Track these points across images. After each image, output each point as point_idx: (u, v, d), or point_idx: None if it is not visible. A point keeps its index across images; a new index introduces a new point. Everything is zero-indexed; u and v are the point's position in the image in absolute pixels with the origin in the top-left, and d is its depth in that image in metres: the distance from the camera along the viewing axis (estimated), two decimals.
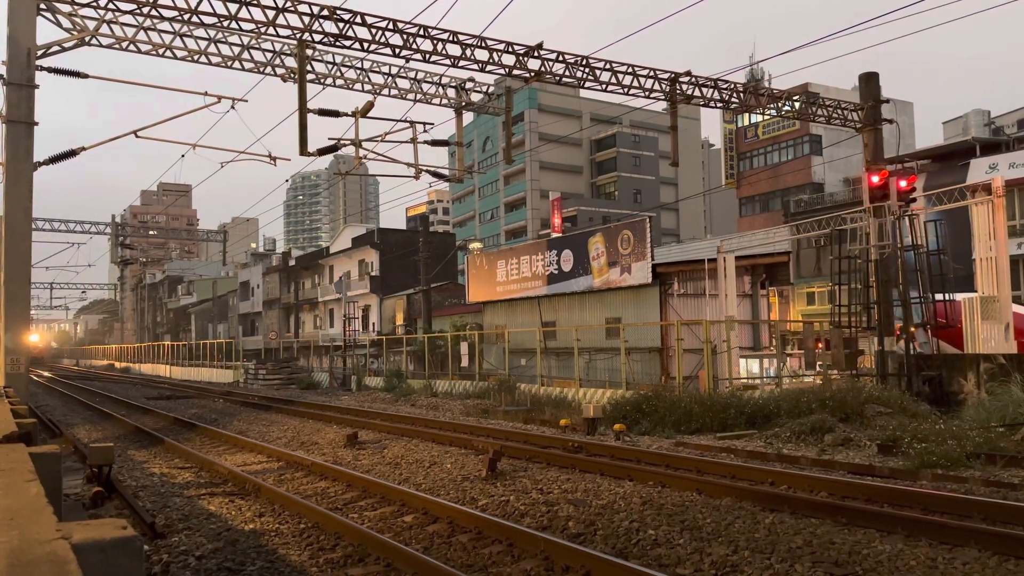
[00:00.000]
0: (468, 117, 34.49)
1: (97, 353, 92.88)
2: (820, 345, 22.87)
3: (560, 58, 18.32)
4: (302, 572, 6.63)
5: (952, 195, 19.47)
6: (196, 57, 17.19)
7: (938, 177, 32.16)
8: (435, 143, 20.57)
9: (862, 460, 11.47)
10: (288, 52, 17.82)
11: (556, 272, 29.78)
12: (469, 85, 20.69)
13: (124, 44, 16.47)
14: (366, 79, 19.28)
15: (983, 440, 11.46)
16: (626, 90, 19.14)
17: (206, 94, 18.97)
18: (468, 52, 17.46)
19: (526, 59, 17.98)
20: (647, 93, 19.34)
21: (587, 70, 18.63)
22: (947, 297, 18.33)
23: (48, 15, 15.70)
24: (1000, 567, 6.25)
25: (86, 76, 17.57)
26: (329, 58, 18.54)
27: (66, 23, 15.90)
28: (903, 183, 19.23)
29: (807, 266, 41.10)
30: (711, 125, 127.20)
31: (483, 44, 17.52)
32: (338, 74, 18.83)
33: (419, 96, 20.06)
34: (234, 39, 17.34)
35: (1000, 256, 17.66)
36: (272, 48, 17.78)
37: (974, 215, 18.41)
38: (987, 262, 17.85)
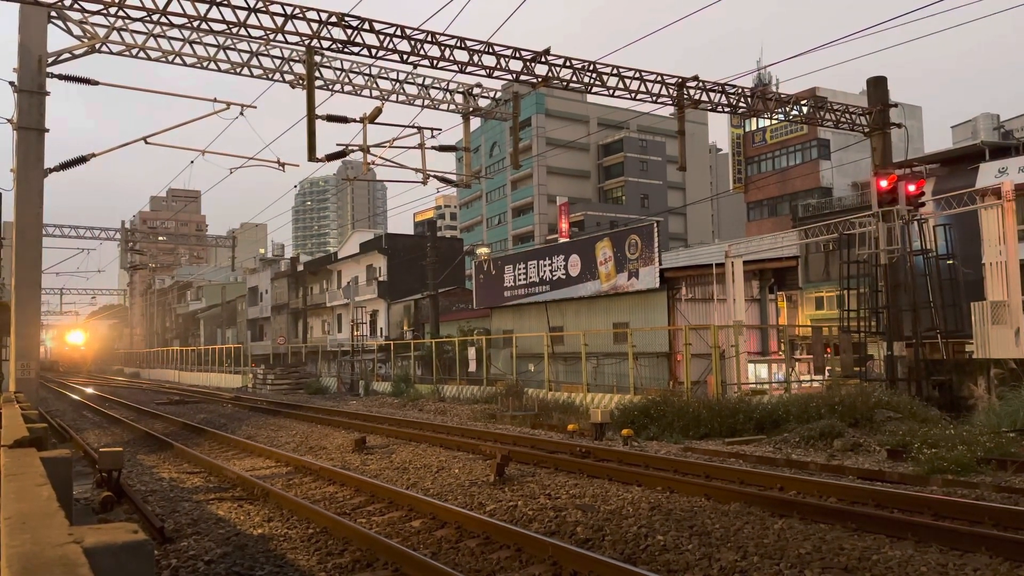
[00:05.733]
0: (475, 122, 34.54)
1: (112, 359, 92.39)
2: (829, 350, 22.78)
3: (567, 63, 18.35)
4: None
5: (961, 199, 19.38)
6: (205, 64, 17.30)
7: (947, 181, 32.01)
8: (443, 148, 20.63)
9: (872, 465, 11.42)
10: (297, 59, 17.91)
11: (563, 277, 29.76)
12: (476, 91, 20.75)
13: (134, 51, 16.59)
14: (374, 85, 19.35)
15: (994, 445, 11.40)
16: (633, 95, 19.14)
17: (215, 100, 19.11)
18: (476, 58, 17.50)
19: (533, 64, 18.01)
20: (654, 98, 19.33)
21: (594, 75, 18.64)
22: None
23: (59, 23, 15.84)
24: (1012, 573, 6.21)
25: (96, 83, 17.70)
26: (337, 64, 18.63)
27: (76, 30, 16.03)
28: (912, 187, 19.17)
29: (816, 270, 40.96)
30: (719, 129, 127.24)
31: (491, 50, 17.56)
32: (346, 80, 18.91)
33: (427, 102, 20.12)
34: (243, 46, 17.45)
35: (1010, 260, 17.56)
36: (281, 55, 17.88)
37: (984, 219, 18.32)
38: (997, 267, 17.75)
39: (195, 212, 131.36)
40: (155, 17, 15.54)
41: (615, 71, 18.75)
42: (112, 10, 15.48)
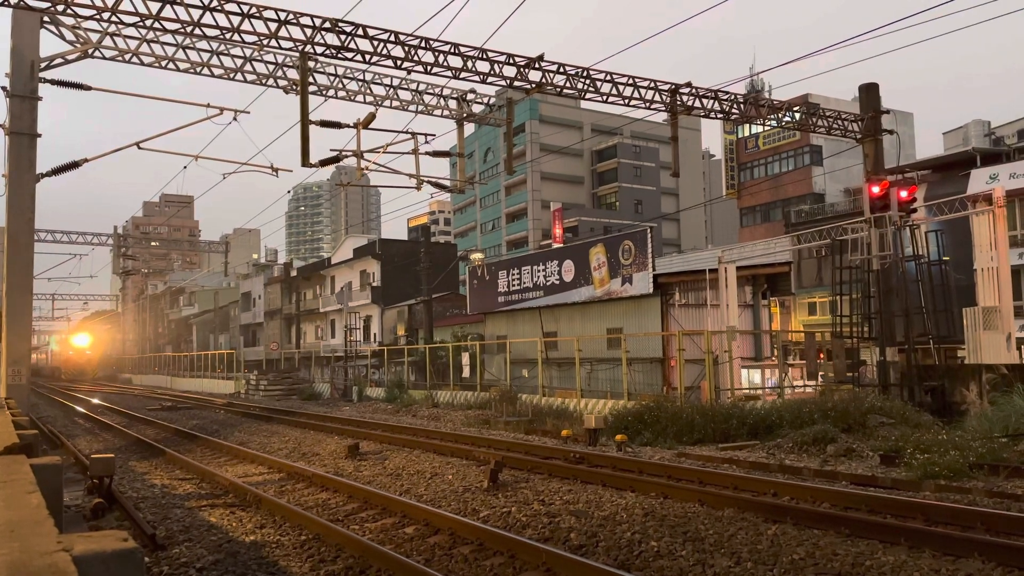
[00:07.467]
0: (469, 128, 34.56)
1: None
2: (822, 355, 22.83)
3: (561, 69, 18.39)
4: None
5: (953, 205, 19.49)
6: (199, 69, 17.28)
7: (939, 187, 32.18)
8: (436, 154, 20.63)
9: (865, 471, 11.44)
10: (290, 64, 17.90)
11: (557, 282, 29.77)
12: (470, 96, 20.77)
13: (127, 56, 16.56)
14: (368, 91, 19.36)
15: (986, 451, 11.42)
16: (627, 101, 19.20)
17: (208, 106, 19.06)
18: (469, 64, 17.53)
19: (527, 71, 18.05)
20: (648, 104, 19.39)
21: (588, 81, 18.69)
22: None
23: (52, 28, 15.80)
24: None
25: (89, 88, 17.66)
26: (331, 70, 18.63)
27: (69, 36, 15.99)
28: (904, 193, 19.25)
29: (808, 276, 41.08)
30: (712, 136, 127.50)
31: (484, 56, 17.59)
32: (340, 86, 18.91)
33: (420, 108, 20.13)
34: (236, 51, 17.43)
35: (1001, 266, 17.66)
36: (274, 60, 17.87)
37: (975, 225, 18.42)
38: (988, 272, 17.84)
39: (188, 217, 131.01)
40: (148, 22, 15.53)
41: (609, 77, 18.81)
42: (105, 15, 15.46)
